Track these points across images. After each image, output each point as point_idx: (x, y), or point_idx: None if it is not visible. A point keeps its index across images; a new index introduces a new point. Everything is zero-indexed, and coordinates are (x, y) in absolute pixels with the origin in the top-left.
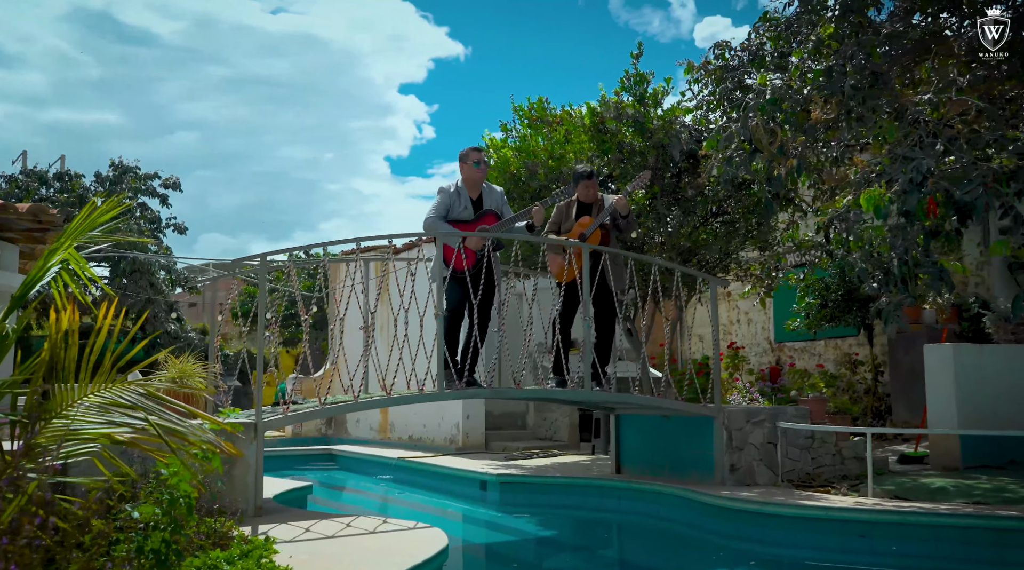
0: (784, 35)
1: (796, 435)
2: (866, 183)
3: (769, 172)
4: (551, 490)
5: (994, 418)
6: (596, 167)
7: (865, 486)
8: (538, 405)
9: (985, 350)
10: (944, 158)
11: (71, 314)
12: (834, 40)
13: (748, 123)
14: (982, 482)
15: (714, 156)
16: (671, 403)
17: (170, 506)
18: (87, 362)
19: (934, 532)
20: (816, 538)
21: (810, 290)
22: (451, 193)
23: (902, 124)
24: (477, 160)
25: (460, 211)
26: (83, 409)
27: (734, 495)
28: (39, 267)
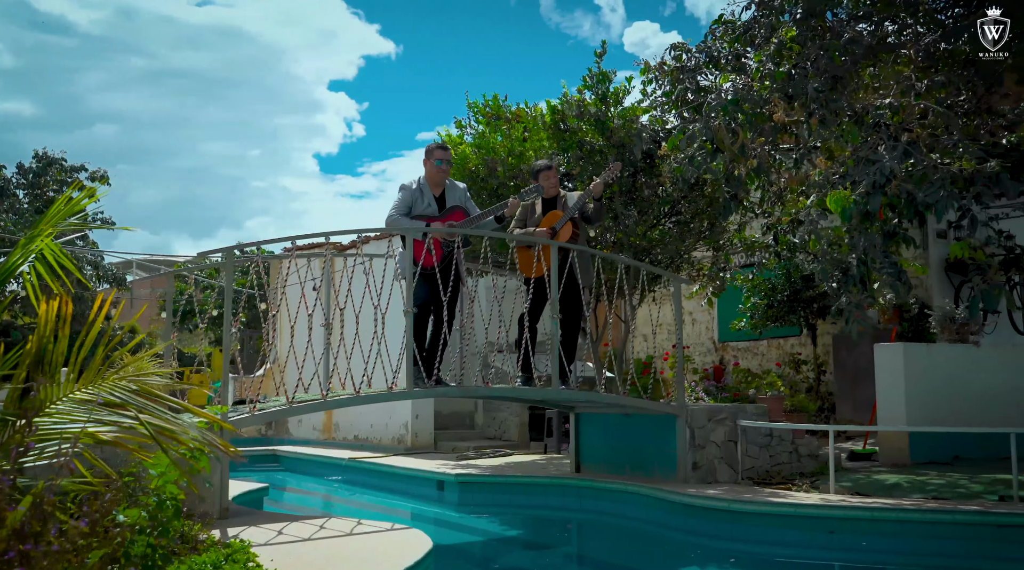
0: (741, 37)
1: (755, 433)
2: (829, 185)
3: (729, 172)
4: (511, 490)
5: (940, 415)
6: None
7: (823, 483)
8: (487, 404)
9: (932, 349)
10: (905, 161)
11: (63, 304)
12: (796, 43)
13: (710, 123)
14: (933, 478)
15: (674, 155)
16: (636, 401)
17: (157, 509)
18: (76, 356)
19: (900, 527)
20: (785, 535)
21: (756, 291)
22: (413, 190)
23: (863, 127)
24: (441, 158)
25: (424, 208)
26: (68, 405)
27: (700, 493)
28: (17, 255)
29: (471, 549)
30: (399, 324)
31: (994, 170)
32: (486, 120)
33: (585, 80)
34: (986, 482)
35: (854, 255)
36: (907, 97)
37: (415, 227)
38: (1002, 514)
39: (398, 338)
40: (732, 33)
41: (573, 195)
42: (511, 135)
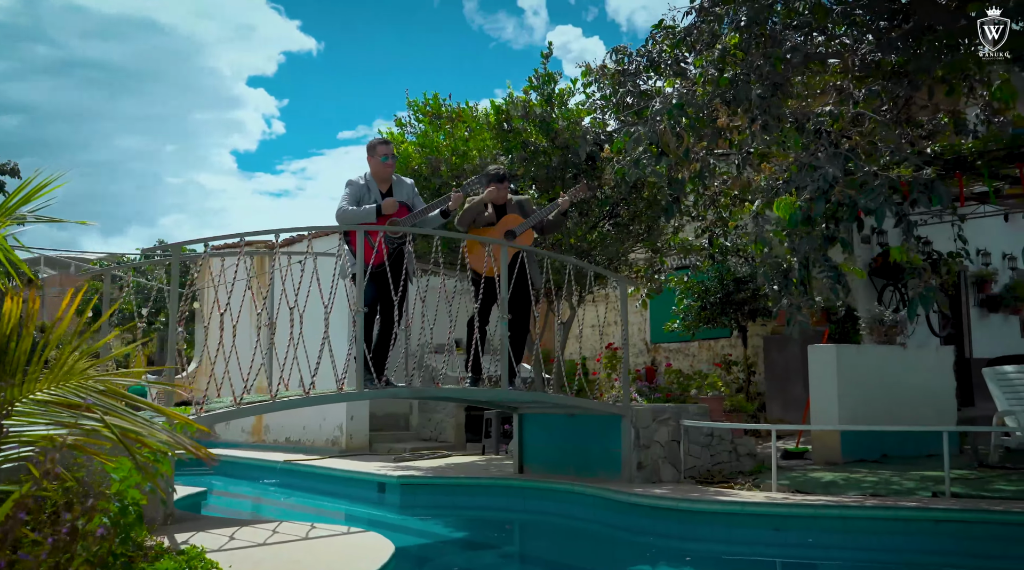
0: (682, 43)
1: (697, 433)
2: (773, 191)
3: (672, 176)
4: (454, 491)
5: (869, 414)
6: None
7: (763, 481)
8: (422, 406)
9: (863, 350)
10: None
11: (32, 301)
12: (739, 50)
13: (656, 127)
14: (867, 475)
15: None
16: (583, 402)
17: (120, 514)
18: (39, 355)
19: (843, 524)
20: (732, 532)
21: (689, 293)
22: (360, 185)
23: (804, 134)
24: (385, 154)
25: (369, 204)
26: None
27: (648, 492)
28: None
29: (423, 552)
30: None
31: (929, 178)
32: (427, 119)
33: (531, 81)
34: (916, 479)
35: (795, 258)
36: (846, 105)
37: (365, 223)
38: (939, 510)
39: (337, 338)
40: (673, 38)
41: (522, 199)
42: (454, 134)
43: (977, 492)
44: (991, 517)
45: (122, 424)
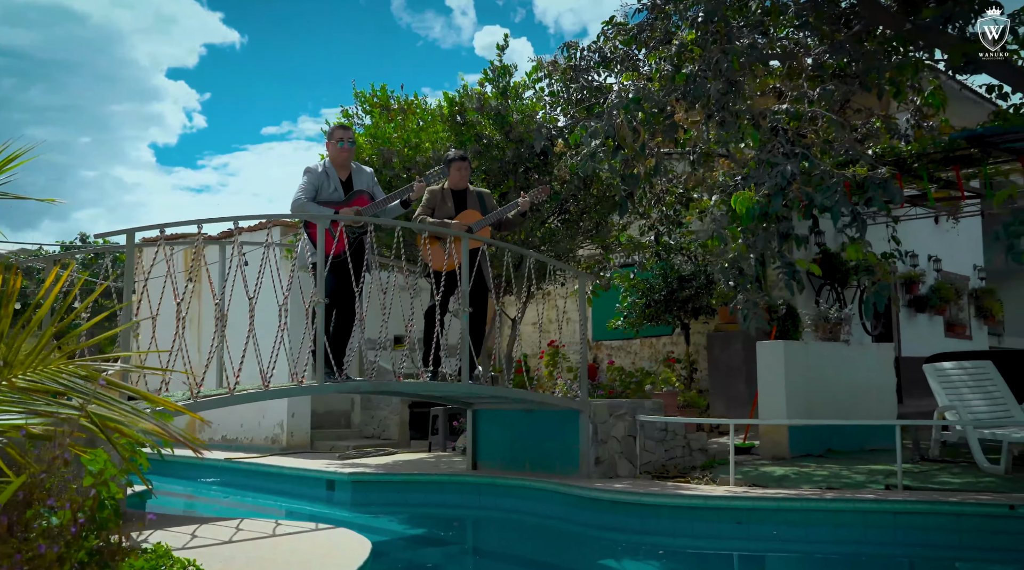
0: (634, 39)
1: (652, 428)
2: (732, 186)
3: (626, 170)
4: (407, 488)
5: (815, 410)
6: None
7: (718, 475)
8: (364, 402)
9: (809, 348)
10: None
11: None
12: (697, 46)
13: (613, 121)
14: (816, 469)
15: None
16: (542, 396)
17: (98, 510)
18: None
19: (804, 517)
20: (695, 526)
21: (634, 290)
22: (319, 173)
23: (762, 131)
24: (342, 138)
25: (330, 193)
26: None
27: (609, 487)
28: None
29: (388, 549)
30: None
31: (884, 177)
32: (376, 110)
33: (486, 73)
34: (865, 472)
35: (752, 254)
36: (801, 104)
37: (323, 213)
38: (898, 502)
39: (280, 330)
40: (624, 34)
41: (481, 191)
42: (405, 126)
43: (925, 485)
44: (947, 508)
45: (103, 412)
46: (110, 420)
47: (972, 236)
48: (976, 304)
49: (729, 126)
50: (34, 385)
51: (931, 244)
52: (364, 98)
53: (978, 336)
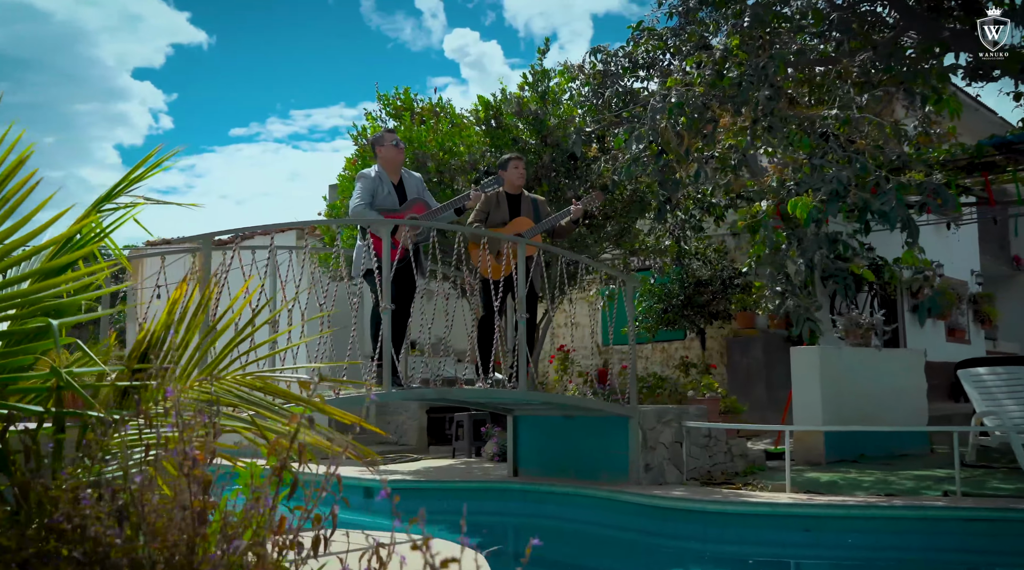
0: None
1: (696, 434)
2: (786, 192)
3: (664, 175)
4: (447, 495)
5: (849, 414)
6: (491, 163)
7: (760, 481)
8: (380, 408)
9: (842, 353)
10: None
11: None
12: (743, 51)
13: (656, 125)
14: (861, 475)
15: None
16: (592, 402)
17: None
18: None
19: (871, 524)
20: (761, 534)
21: (650, 295)
22: (372, 178)
23: (812, 137)
24: (395, 140)
25: (384, 197)
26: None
27: (667, 494)
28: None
29: None
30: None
31: (940, 183)
32: (407, 114)
33: (526, 77)
34: (910, 478)
35: (801, 260)
36: (849, 110)
37: (384, 220)
38: (966, 509)
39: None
40: (656, 40)
41: (536, 197)
42: (437, 129)
43: (978, 491)
44: (1017, 515)
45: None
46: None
47: (969, 242)
48: (974, 309)
49: (777, 131)
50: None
51: (931, 250)
52: (387, 100)
53: (976, 341)
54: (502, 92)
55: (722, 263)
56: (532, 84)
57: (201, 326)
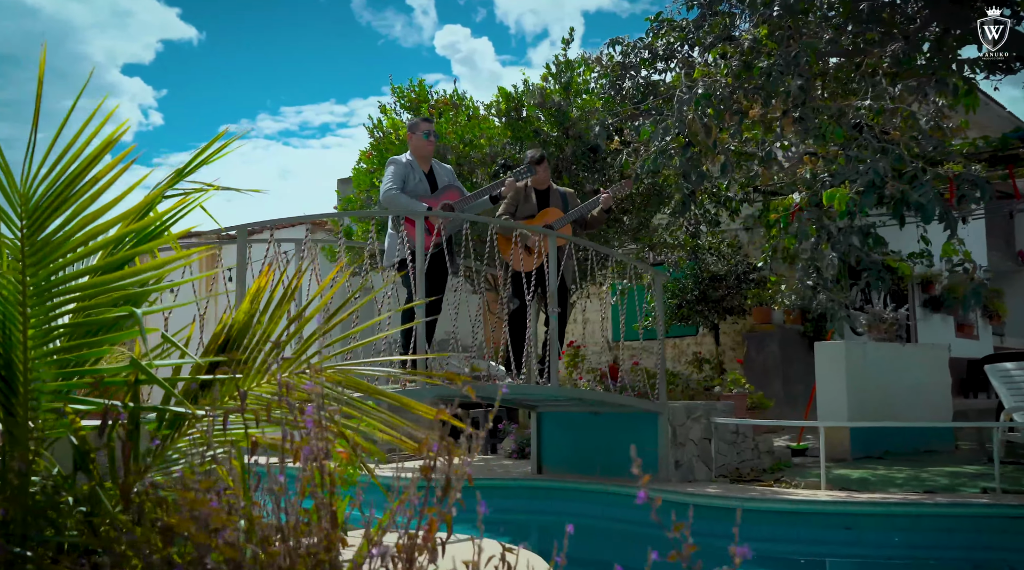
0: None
1: (724, 430)
2: (818, 183)
3: (688, 168)
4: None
5: (871, 410)
6: (511, 156)
7: (788, 477)
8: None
9: (867, 348)
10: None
11: (299, 275)
12: (773, 41)
13: (684, 116)
14: (892, 472)
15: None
16: (620, 398)
17: None
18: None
19: (914, 522)
20: (800, 532)
21: (664, 289)
22: (404, 165)
23: (845, 127)
24: (427, 131)
25: (415, 183)
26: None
27: (701, 491)
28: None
29: None
30: None
31: (978, 174)
32: (425, 106)
33: (549, 68)
34: (943, 474)
35: (834, 253)
36: (882, 100)
37: (418, 206)
38: (1012, 506)
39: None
40: (677, 31)
41: (565, 190)
42: (457, 121)
43: (1016, 487)
44: None
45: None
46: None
47: (977, 237)
48: (983, 304)
49: (808, 122)
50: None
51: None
52: (401, 92)
53: (984, 336)
54: (524, 83)
55: (736, 257)
56: (555, 75)
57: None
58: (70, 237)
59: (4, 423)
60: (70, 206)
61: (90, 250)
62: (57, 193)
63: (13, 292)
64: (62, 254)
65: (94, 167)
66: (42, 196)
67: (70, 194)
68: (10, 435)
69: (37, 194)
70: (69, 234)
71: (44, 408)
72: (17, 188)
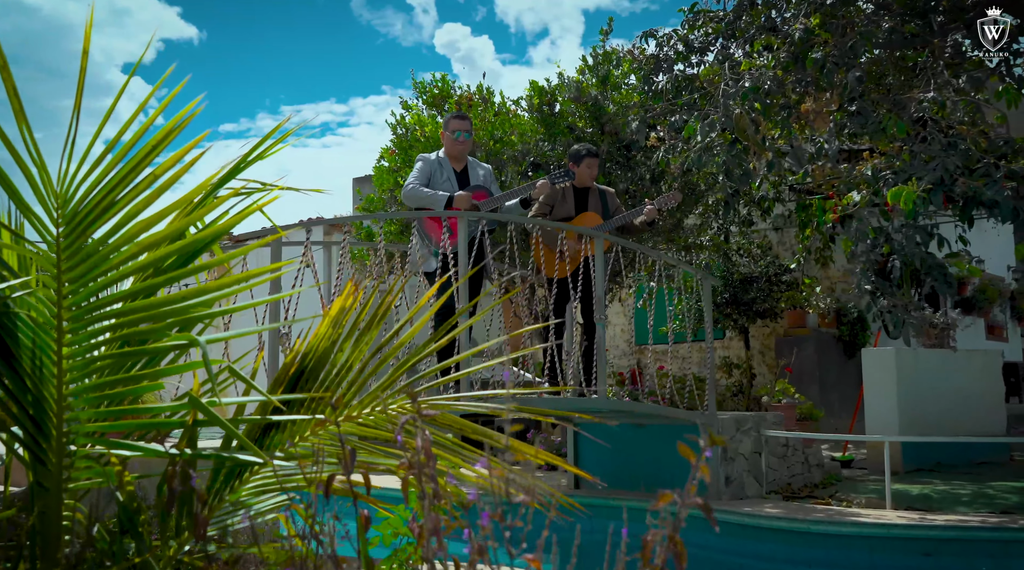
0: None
1: (774, 444)
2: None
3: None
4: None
5: (921, 420)
6: (543, 154)
7: (844, 493)
8: None
9: (918, 355)
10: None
11: (387, 298)
12: (826, 31)
13: (731, 111)
14: (951, 486)
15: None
16: (671, 411)
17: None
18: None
19: (1004, 548)
20: (874, 558)
21: (693, 292)
22: (431, 161)
23: (906, 121)
24: (458, 129)
25: (442, 182)
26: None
27: (759, 511)
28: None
29: None
30: None
31: None
32: (433, 101)
33: (585, 60)
34: (1010, 490)
35: (896, 256)
36: (945, 91)
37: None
38: None
39: None
40: (715, 23)
41: (604, 189)
42: (485, 117)
43: None
44: None
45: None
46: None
47: (1006, 237)
48: (1012, 305)
49: (868, 115)
50: (364, 430)
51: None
52: (423, 88)
53: (1014, 339)
54: (558, 76)
55: (765, 258)
56: (592, 68)
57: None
58: (119, 247)
59: (33, 473)
60: (121, 209)
61: (142, 265)
62: (104, 193)
63: (46, 315)
64: (111, 268)
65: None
66: (83, 197)
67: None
68: (39, 487)
69: (78, 195)
70: (118, 244)
71: (80, 454)
72: (54, 188)
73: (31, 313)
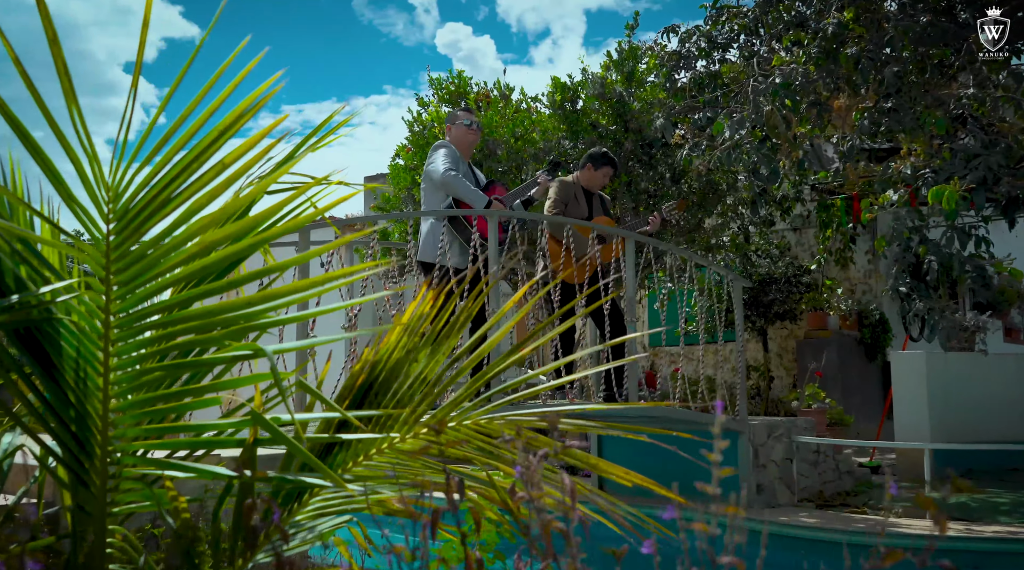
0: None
1: (805, 450)
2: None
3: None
4: None
5: (952, 426)
6: (565, 152)
7: (883, 503)
8: None
9: (949, 358)
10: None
11: (470, 302)
12: (860, 26)
13: (761, 108)
14: (989, 494)
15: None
16: (702, 416)
17: None
18: (425, 385)
19: None
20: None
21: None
22: (455, 152)
23: (946, 118)
24: (470, 120)
25: (464, 174)
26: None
27: (796, 522)
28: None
29: None
30: None
31: None
32: (472, 99)
33: (610, 56)
34: None
35: (932, 257)
36: (986, 89)
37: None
38: None
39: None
40: (739, 18)
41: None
42: (505, 114)
43: None
44: None
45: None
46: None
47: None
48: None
49: (904, 112)
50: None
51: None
52: (439, 85)
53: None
54: (582, 72)
55: (784, 259)
56: (617, 63)
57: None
58: (177, 247)
59: (73, 496)
60: (182, 203)
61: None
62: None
63: (92, 323)
64: (166, 270)
65: (221, 146)
66: (138, 190)
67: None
68: (81, 512)
69: (132, 188)
70: (177, 243)
71: (127, 475)
72: (104, 180)
73: (74, 318)
